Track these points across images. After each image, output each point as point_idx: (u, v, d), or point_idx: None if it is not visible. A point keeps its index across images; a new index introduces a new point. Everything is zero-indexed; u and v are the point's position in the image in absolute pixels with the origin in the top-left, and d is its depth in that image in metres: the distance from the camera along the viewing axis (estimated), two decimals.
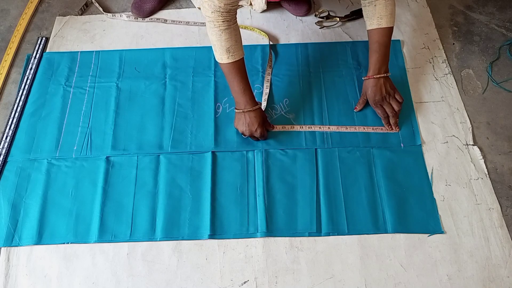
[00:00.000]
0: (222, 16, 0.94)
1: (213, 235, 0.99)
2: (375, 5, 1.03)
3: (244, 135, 1.09)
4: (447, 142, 1.11)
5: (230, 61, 0.99)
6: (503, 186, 1.05)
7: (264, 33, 1.31)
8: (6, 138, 1.12)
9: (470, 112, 1.17)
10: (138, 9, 1.36)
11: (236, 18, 1.00)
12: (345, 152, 1.09)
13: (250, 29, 1.33)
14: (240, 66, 1.02)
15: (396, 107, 1.10)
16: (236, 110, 1.07)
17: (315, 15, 1.37)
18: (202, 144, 1.11)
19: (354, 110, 1.15)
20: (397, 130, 1.11)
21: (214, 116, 1.15)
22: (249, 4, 1.38)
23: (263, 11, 1.37)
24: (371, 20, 1.06)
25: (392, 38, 1.29)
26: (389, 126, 1.12)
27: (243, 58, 1.02)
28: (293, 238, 0.99)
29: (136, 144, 1.11)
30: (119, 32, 1.35)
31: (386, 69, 1.09)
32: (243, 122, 1.06)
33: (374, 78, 1.08)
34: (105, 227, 1.00)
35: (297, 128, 1.13)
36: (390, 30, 1.07)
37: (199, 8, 1.38)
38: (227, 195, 1.04)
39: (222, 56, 1.00)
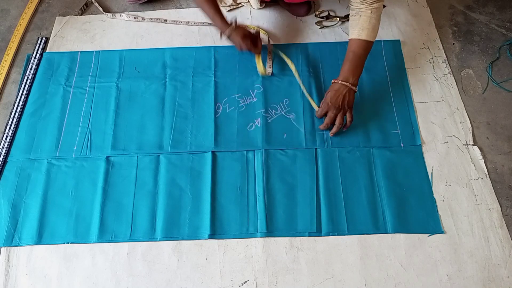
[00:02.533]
0: None
1: (213, 235, 0.99)
2: (360, 16, 1.04)
3: (247, 49, 1.18)
4: (447, 142, 1.11)
5: None
6: (503, 186, 1.05)
7: (263, 31, 1.31)
8: (6, 138, 1.12)
9: (470, 112, 1.17)
10: None
11: None
12: (345, 152, 1.09)
13: (250, 28, 1.33)
14: None
15: (338, 122, 1.07)
16: (227, 35, 1.16)
17: (315, 15, 1.37)
18: (202, 144, 1.11)
19: (316, 115, 1.14)
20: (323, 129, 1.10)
21: (214, 116, 1.15)
22: (247, 1, 1.38)
23: (261, 8, 1.37)
24: (353, 30, 1.06)
25: (392, 38, 1.30)
26: (323, 127, 1.10)
27: None
28: (293, 238, 0.99)
29: (136, 144, 1.11)
30: (119, 32, 1.35)
31: (355, 82, 1.06)
32: (235, 42, 1.17)
33: (340, 83, 1.06)
34: (105, 227, 1.00)
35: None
36: (368, 44, 1.06)
37: None
38: (227, 195, 1.04)
39: None
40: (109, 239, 0.99)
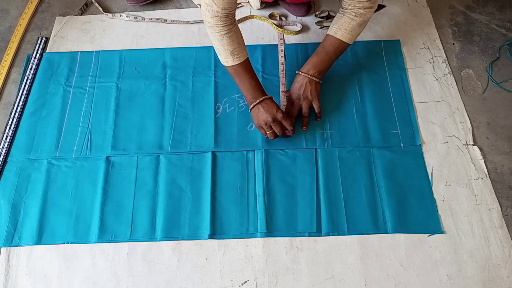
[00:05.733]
0: (222, 20, 0.96)
1: (213, 235, 0.99)
2: (343, 15, 1.06)
3: (267, 127, 1.04)
4: (447, 142, 1.11)
5: (236, 63, 1.02)
6: (503, 186, 1.05)
7: (269, 21, 1.33)
8: (6, 138, 1.12)
9: (470, 112, 1.17)
10: None
11: (235, 20, 1.01)
12: (345, 152, 1.09)
13: (258, 18, 1.35)
14: (247, 65, 1.04)
15: (304, 111, 1.10)
16: (252, 106, 1.05)
17: (315, 15, 1.37)
18: (202, 144, 1.11)
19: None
20: (291, 133, 1.08)
21: (214, 116, 1.15)
22: (247, 1, 1.38)
23: (261, 8, 1.37)
24: (332, 26, 1.08)
25: (392, 38, 1.30)
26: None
27: (248, 58, 1.05)
28: (293, 238, 0.99)
29: (136, 144, 1.11)
30: (119, 32, 1.35)
31: (317, 74, 1.09)
32: (262, 112, 1.03)
33: (301, 74, 1.10)
34: (105, 227, 1.00)
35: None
36: (340, 43, 1.08)
37: (199, 5, 1.38)
38: (227, 195, 1.04)
39: (227, 59, 1.02)
40: (109, 239, 0.99)
